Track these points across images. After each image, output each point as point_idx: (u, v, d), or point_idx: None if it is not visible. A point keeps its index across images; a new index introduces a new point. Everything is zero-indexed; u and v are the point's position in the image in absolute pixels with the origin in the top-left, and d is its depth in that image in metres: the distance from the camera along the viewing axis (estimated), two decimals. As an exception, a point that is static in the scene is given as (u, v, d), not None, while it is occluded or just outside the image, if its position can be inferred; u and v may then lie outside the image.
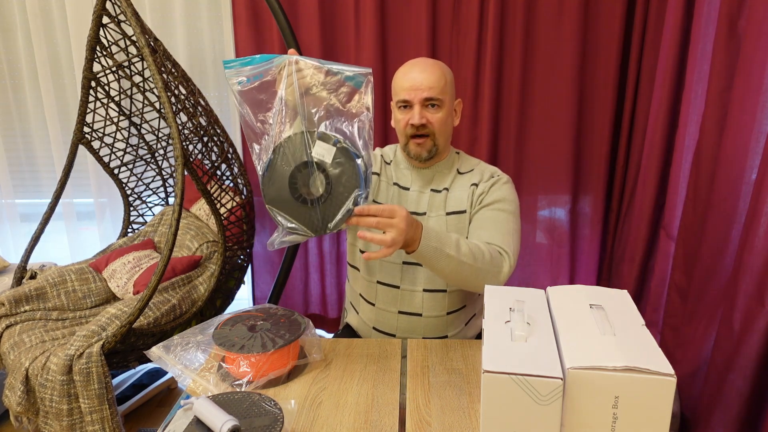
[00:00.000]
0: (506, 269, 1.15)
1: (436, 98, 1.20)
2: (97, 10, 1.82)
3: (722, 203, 1.37)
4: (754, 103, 1.27)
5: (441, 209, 1.28)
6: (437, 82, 1.20)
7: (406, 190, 1.31)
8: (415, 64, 1.23)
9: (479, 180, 1.28)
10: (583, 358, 0.63)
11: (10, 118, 2.53)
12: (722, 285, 1.39)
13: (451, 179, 1.30)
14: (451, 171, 1.32)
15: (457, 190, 1.29)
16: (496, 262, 1.13)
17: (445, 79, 1.22)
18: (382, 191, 1.32)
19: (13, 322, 1.83)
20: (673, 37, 1.71)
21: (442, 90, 1.21)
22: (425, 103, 1.21)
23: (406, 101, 1.22)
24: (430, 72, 1.20)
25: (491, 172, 1.31)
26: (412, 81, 1.20)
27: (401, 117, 1.24)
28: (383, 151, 1.39)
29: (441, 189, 1.29)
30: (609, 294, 0.79)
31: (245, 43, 2.21)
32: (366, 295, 1.35)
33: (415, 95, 1.20)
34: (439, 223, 1.27)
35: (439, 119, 1.23)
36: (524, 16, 2.05)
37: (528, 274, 2.39)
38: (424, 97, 1.20)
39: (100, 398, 1.60)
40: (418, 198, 1.30)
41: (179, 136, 1.68)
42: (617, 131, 2.17)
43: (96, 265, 2.12)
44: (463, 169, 1.32)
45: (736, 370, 1.22)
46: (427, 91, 1.19)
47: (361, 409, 0.99)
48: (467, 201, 1.27)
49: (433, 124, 1.22)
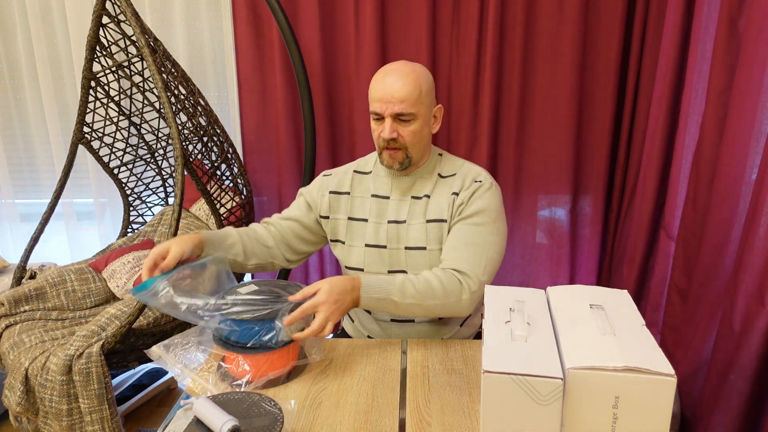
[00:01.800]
0: (466, 296, 1.15)
1: (408, 112, 1.17)
2: (97, 10, 1.82)
3: (722, 203, 1.37)
4: (754, 103, 1.27)
5: (422, 216, 1.26)
6: (409, 95, 1.16)
7: (386, 199, 1.30)
8: (389, 73, 1.19)
9: (460, 188, 1.25)
10: (583, 358, 0.63)
11: (10, 118, 2.53)
12: (722, 285, 1.39)
13: (433, 185, 1.28)
14: (432, 175, 1.29)
15: (438, 196, 1.27)
16: (452, 292, 1.14)
17: (420, 90, 1.18)
18: (357, 207, 1.32)
19: (12, 322, 1.83)
20: (673, 37, 1.70)
21: (414, 102, 1.17)
22: (396, 116, 1.18)
23: (378, 114, 1.20)
24: (403, 83, 1.16)
25: (474, 176, 1.27)
26: (383, 93, 1.17)
27: (375, 127, 1.24)
28: (357, 164, 1.38)
29: (422, 196, 1.28)
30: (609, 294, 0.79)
31: (245, 43, 2.21)
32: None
33: (386, 108, 1.17)
34: (420, 231, 1.25)
35: (411, 132, 1.20)
36: (524, 16, 2.05)
37: (528, 274, 2.39)
38: (395, 111, 1.17)
39: (100, 398, 1.60)
40: (398, 206, 1.29)
41: (179, 136, 1.68)
42: (617, 131, 2.17)
43: (96, 265, 2.12)
44: (445, 173, 1.29)
45: (736, 370, 1.22)
46: (398, 104, 1.16)
47: (361, 409, 0.99)
48: (447, 210, 1.25)
49: (405, 137, 1.20)
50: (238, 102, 2.30)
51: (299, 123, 2.27)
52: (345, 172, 1.36)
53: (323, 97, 2.23)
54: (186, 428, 0.84)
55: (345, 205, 1.33)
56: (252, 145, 2.34)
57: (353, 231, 1.32)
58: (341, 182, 1.34)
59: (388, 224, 1.28)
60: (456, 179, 1.27)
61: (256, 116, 2.30)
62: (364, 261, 1.30)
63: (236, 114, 2.32)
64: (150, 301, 1.05)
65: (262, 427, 0.85)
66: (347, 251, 1.32)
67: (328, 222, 1.35)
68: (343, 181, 1.34)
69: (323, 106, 2.24)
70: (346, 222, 1.32)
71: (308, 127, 2.11)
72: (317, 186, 1.36)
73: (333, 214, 1.33)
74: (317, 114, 2.24)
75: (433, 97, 1.25)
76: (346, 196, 1.33)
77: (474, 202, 1.22)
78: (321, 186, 1.36)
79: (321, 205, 1.34)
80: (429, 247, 1.25)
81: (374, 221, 1.29)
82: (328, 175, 1.37)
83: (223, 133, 2.13)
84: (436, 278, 1.14)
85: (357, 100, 2.21)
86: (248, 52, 2.22)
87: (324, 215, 1.34)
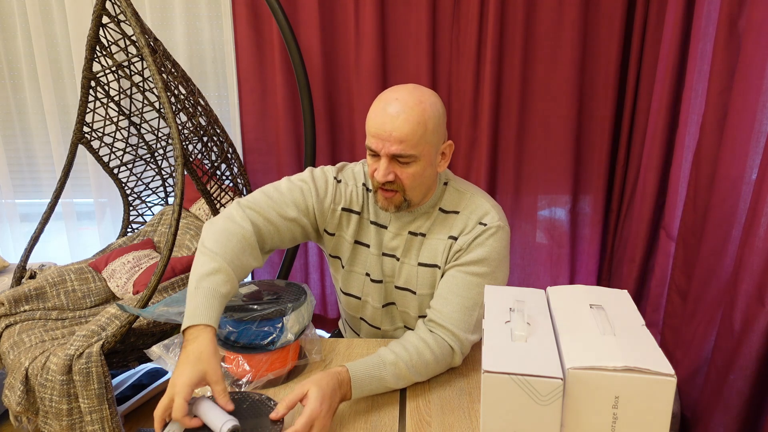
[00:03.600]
0: (457, 359, 1.08)
1: (407, 155, 1.00)
2: (97, 10, 1.82)
3: (722, 203, 1.37)
4: (754, 103, 1.27)
5: (414, 258, 1.14)
6: (411, 135, 0.99)
7: (383, 228, 1.17)
8: (389, 103, 1.01)
9: (460, 231, 1.10)
10: (583, 358, 0.63)
11: (10, 118, 2.53)
12: (722, 285, 1.39)
13: (431, 222, 1.13)
14: (434, 210, 1.14)
15: (434, 237, 1.12)
16: (444, 359, 1.06)
17: (425, 128, 1.00)
18: (363, 230, 1.19)
19: (12, 322, 1.83)
20: (673, 37, 1.70)
21: (417, 143, 1.00)
22: (394, 157, 1.02)
23: (373, 150, 1.04)
24: (404, 119, 0.98)
25: (479, 217, 1.10)
26: (381, 128, 1.00)
27: (370, 162, 1.07)
28: (366, 171, 1.19)
29: (418, 233, 1.14)
30: (609, 294, 0.79)
31: (245, 43, 2.21)
32: (352, 324, 1.34)
33: (382, 146, 1.01)
34: (411, 273, 1.15)
35: (411, 175, 1.03)
36: (524, 16, 2.05)
37: (528, 274, 2.39)
38: (392, 152, 1.00)
39: (100, 398, 1.60)
40: (393, 239, 1.16)
41: (179, 136, 1.68)
42: (617, 131, 2.17)
43: (95, 264, 2.12)
44: (448, 207, 1.13)
45: (736, 370, 1.22)
46: (396, 145, 0.99)
47: (361, 409, 0.99)
48: (442, 255, 1.11)
49: (403, 180, 1.04)
50: (238, 102, 2.30)
51: (299, 123, 2.27)
52: (356, 185, 1.19)
53: (323, 97, 2.23)
54: (186, 428, 0.84)
55: (354, 225, 1.18)
56: (252, 145, 2.34)
57: (356, 256, 1.20)
58: (353, 198, 1.18)
59: (383, 256, 1.18)
60: (458, 219, 1.12)
61: (256, 116, 2.30)
62: (363, 290, 1.22)
63: (236, 114, 2.32)
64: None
65: (263, 427, 0.85)
66: (347, 276, 1.23)
67: (332, 239, 1.20)
68: (355, 198, 1.18)
69: (323, 106, 2.24)
70: (351, 245, 1.19)
71: (308, 127, 2.11)
72: (331, 195, 1.17)
73: (339, 231, 1.19)
74: (317, 114, 2.24)
75: (441, 134, 1.07)
76: (356, 216, 1.18)
77: (474, 249, 1.08)
78: (335, 196, 1.17)
79: (330, 221, 1.18)
80: (419, 292, 1.16)
81: (374, 252, 1.18)
82: (340, 181, 1.18)
83: (223, 133, 2.13)
84: (429, 350, 1.03)
85: (357, 100, 2.21)
86: (248, 52, 2.22)
87: (330, 232, 1.20)
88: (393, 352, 1.02)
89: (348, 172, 1.21)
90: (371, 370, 0.98)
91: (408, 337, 1.06)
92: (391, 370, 0.99)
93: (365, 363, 1.00)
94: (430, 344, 1.04)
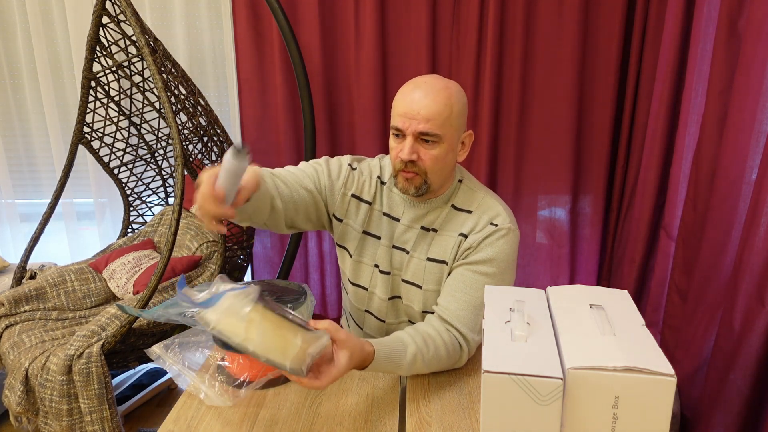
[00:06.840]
0: (464, 358, 1.09)
1: (433, 133, 1.02)
2: (97, 10, 1.82)
3: (722, 203, 1.37)
4: (754, 103, 1.27)
5: (424, 252, 1.15)
6: (438, 114, 1.01)
7: (395, 221, 1.17)
8: (418, 86, 1.04)
9: (471, 229, 1.11)
10: (583, 358, 0.63)
11: (10, 118, 2.53)
12: (722, 285, 1.39)
13: (443, 217, 1.14)
14: (446, 205, 1.15)
15: (445, 234, 1.13)
16: (453, 356, 1.07)
17: (451, 110, 1.03)
18: (374, 221, 1.19)
19: (12, 322, 1.83)
20: (673, 37, 1.71)
21: (443, 123, 1.02)
22: (419, 136, 1.04)
23: (399, 130, 1.05)
24: (432, 99, 1.01)
25: (490, 218, 1.11)
26: (409, 107, 1.02)
27: (394, 145, 1.09)
28: (383, 164, 1.21)
29: (430, 228, 1.15)
30: (609, 294, 0.79)
31: (245, 43, 2.21)
32: (356, 318, 1.34)
33: (408, 125, 1.03)
34: (419, 267, 1.16)
35: (434, 157, 1.05)
36: (524, 16, 2.05)
37: (528, 274, 2.39)
38: (418, 130, 1.02)
39: (100, 398, 1.60)
40: (405, 232, 1.16)
41: (179, 136, 1.68)
42: (617, 131, 2.17)
43: (96, 265, 2.12)
44: (460, 205, 1.14)
45: (736, 370, 1.22)
46: (423, 123, 1.01)
47: (361, 409, 0.99)
48: (451, 252, 1.12)
49: (425, 161, 1.05)
50: (238, 102, 2.30)
51: (299, 123, 2.27)
52: (370, 175, 1.20)
53: (323, 97, 2.23)
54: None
55: (363, 215, 1.18)
56: (252, 145, 2.34)
57: (365, 247, 1.20)
58: (364, 188, 1.19)
59: (393, 249, 1.19)
60: (470, 218, 1.13)
61: (256, 116, 2.30)
62: (371, 282, 1.22)
63: (236, 114, 2.32)
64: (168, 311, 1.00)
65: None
66: (356, 267, 1.23)
67: (339, 225, 1.20)
68: (367, 188, 1.19)
69: (323, 106, 2.24)
70: (359, 235, 1.20)
71: (308, 127, 2.11)
72: (343, 179, 1.18)
73: (347, 218, 1.20)
74: (317, 114, 2.24)
75: (463, 121, 1.09)
76: (366, 206, 1.18)
77: (484, 248, 1.09)
78: (347, 181, 1.18)
79: (340, 206, 1.19)
80: (425, 287, 1.16)
81: (385, 243, 1.18)
82: (355, 169, 1.20)
83: (223, 133, 2.13)
84: (444, 347, 1.05)
85: (357, 100, 2.21)
86: (248, 52, 2.22)
87: (339, 217, 1.19)
88: (415, 343, 1.02)
89: (365, 164, 1.22)
90: (392, 356, 0.99)
91: (428, 330, 1.06)
92: (410, 360, 1.01)
93: (390, 347, 1.00)
94: (446, 342, 1.06)
